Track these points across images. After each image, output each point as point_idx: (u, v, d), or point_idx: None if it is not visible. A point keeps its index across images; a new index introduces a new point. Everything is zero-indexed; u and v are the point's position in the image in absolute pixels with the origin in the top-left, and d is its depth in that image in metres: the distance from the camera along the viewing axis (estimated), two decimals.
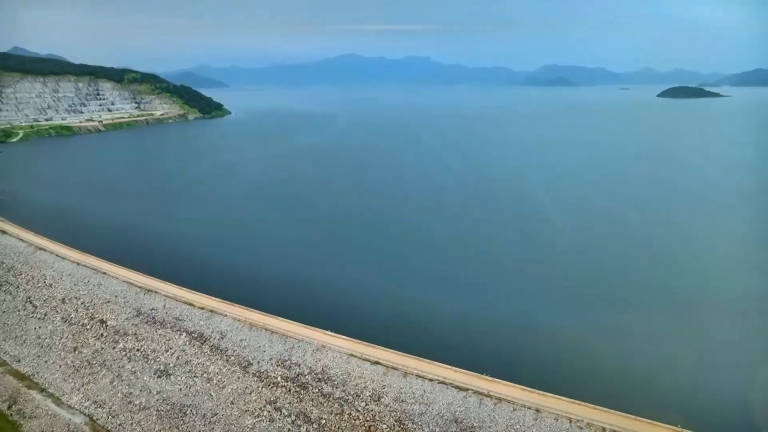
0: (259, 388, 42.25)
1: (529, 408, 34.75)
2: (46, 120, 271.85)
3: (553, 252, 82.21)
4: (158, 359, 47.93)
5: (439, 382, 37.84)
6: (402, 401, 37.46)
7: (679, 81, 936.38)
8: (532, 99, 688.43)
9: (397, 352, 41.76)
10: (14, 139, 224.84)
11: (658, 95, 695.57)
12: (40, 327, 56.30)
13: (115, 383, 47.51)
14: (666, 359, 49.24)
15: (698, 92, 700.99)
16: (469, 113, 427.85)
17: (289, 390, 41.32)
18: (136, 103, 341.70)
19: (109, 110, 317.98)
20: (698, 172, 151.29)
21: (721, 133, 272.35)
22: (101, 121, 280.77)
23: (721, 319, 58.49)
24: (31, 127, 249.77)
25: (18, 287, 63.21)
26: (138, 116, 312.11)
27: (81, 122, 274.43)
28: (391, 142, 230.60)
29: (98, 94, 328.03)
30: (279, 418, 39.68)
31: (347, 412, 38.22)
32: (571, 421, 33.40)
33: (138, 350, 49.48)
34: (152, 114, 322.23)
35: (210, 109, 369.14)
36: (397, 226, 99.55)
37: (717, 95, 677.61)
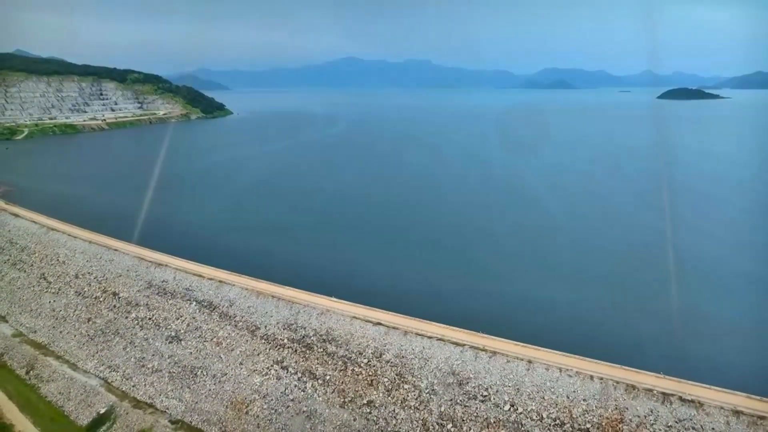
0: (267, 350, 44.39)
1: (522, 360, 36.82)
2: (50, 119, 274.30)
3: (543, 226, 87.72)
4: (169, 326, 50.07)
5: (437, 339, 39.95)
6: (402, 357, 39.57)
7: (679, 84, 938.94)
8: (534, 103, 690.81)
9: (397, 314, 43.84)
10: (19, 137, 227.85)
11: (658, 97, 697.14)
12: (54, 300, 58.53)
13: (128, 349, 49.72)
14: (648, 316, 52.95)
15: (698, 94, 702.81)
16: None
17: (295, 350, 43.44)
18: (138, 103, 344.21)
19: (112, 110, 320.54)
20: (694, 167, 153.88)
21: (718, 131, 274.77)
22: (105, 120, 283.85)
23: (693, 285, 63.11)
24: (36, 125, 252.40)
25: (32, 265, 65.44)
26: (141, 116, 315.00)
27: (85, 121, 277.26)
28: (389, 140, 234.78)
29: (101, 94, 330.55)
30: (286, 376, 41.84)
31: (350, 368, 40.35)
32: (561, 371, 35.48)
33: (150, 319, 51.64)
34: (155, 113, 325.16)
35: (212, 109, 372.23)
36: (396, 205, 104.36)
37: (717, 97, 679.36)
